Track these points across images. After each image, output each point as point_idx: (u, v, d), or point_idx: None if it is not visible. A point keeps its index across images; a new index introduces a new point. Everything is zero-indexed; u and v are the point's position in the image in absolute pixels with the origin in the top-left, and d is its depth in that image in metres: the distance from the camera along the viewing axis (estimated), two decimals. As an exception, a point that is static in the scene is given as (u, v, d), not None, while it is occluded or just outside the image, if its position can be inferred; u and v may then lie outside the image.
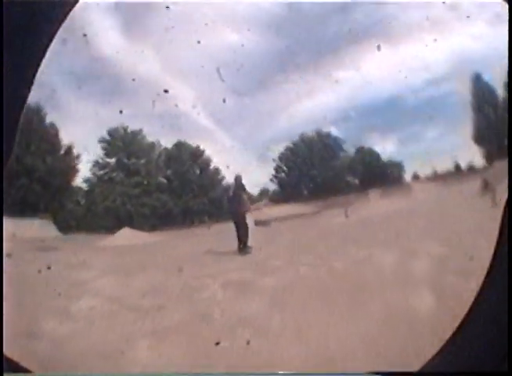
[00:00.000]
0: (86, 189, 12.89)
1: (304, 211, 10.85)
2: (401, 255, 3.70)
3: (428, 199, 8.56)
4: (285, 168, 14.70)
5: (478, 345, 1.00)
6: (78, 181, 13.53)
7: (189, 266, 4.07)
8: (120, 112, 14.19)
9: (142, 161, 12.35)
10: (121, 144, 13.37)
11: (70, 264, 4.66)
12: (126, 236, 7.41)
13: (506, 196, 0.96)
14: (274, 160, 14.45)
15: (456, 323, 1.04)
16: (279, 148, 14.69)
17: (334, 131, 15.55)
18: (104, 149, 13.49)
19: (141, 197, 11.52)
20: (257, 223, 9.55)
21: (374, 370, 1.76)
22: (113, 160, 13.48)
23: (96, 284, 3.50)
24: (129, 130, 13.78)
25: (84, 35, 7.70)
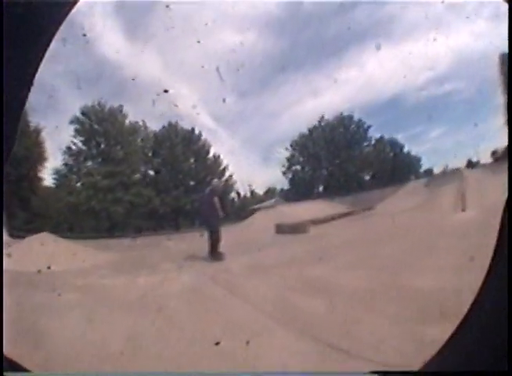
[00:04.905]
0: (51, 181, 10.32)
1: (341, 209, 7.84)
2: None
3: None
4: (300, 159, 12.02)
5: (478, 345, 0.89)
6: (43, 171, 10.92)
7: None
8: (120, 111, 12.15)
9: (120, 147, 9.54)
10: (97, 126, 10.71)
11: None
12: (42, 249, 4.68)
13: (506, 196, 0.85)
14: (287, 149, 11.88)
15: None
16: (294, 136, 12.22)
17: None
18: (77, 131, 10.79)
19: (113, 191, 8.59)
20: (280, 230, 6.29)
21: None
22: (85, 147, 10.86)
23: None
24: (107, 108, 11.09)
25: (84, 35, 6.67)
